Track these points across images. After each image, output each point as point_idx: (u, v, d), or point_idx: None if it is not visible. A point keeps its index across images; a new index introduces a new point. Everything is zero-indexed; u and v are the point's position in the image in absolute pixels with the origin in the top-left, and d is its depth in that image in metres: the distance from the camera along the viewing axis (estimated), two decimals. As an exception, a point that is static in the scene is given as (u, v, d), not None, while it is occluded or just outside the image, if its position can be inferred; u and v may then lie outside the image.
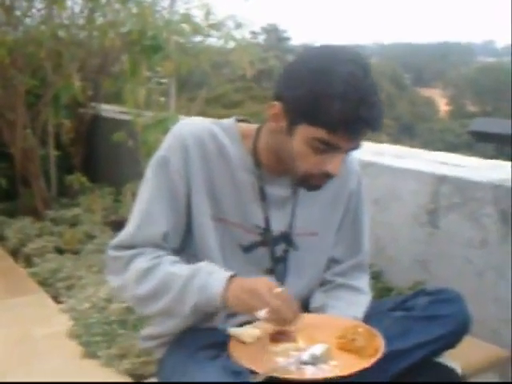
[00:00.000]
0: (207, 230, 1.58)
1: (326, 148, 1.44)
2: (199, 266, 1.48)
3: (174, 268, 1.50)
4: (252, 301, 1.38)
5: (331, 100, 1.38)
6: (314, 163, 1.47)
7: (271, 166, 1.60)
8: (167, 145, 1.59)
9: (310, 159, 1.47)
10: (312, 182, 1.52)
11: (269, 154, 1.58)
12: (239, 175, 1.60)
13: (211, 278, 1.45)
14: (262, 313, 1.37)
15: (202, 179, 1.57)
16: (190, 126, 1.60)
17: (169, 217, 1.55)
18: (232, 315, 1.59)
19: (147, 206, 1.56)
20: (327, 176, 1.50)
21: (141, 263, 1.51)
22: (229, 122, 1.64)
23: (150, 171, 1.58)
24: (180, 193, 1.55)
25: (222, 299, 1.42)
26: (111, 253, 1.58)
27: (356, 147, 1.49)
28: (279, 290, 1.41)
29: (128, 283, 1.53)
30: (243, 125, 1.65)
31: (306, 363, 1.39)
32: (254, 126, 1.64)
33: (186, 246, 1.61)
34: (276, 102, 1.49)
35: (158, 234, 1.55)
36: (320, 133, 1.42)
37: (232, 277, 1.44)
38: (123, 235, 1.57)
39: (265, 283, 1.42)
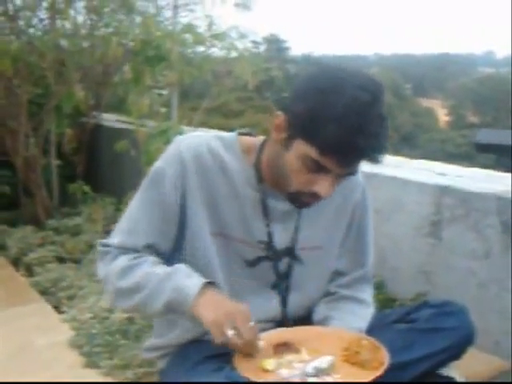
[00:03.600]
0: (207, 246, 1.58)
1: (317, 168, 1.42)
2: (177, 266, 1.50)
3: (153, 268, 1.52)
4: (225, 320, 1.36)
5: (327, 122, 1.35)
6: (304, 181, 1.45)
7: (273, 180, 1.57)
8: (165, 157, 1.59)
9: (301, 176, 1.45)
10: (301, 199, 1.50)
11: (269, 167, 1.57)
12: (241, 190, 1.59)
13: (188, 280, 1.45)
14: (231, 333, 1.35)
15: (200, 194, 1.56)
16: (188, 140, 1.59)
17: (156, 229, 1.56)
18: None
19: (135, 215, 1.58)
20: (315, 196, 1.47)
21: (123, 261, 1.54)
22: (230, 135, 1.63)
23: (146, 181, 1.59)
24: (173, 205, 1.55)
25: (192, 302, 1.41)
26: (100, 248, 1.61)
27: (352, 173, 1.47)
28: (252, 324, 1.39)
29: (110, 277, 1.56)
30: (246, 138, 1.64)
31: (310, 375, 1.38)
32: (257, 140, 1.63)
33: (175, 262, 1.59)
34: (281, 113, 1.48)
35: (140, 244, 1.56)
36: (312, 152, 1.40)
37: (209, 284, 1.44)
38: (111, 237, 1.61)
39: (244, 312, 1.39)
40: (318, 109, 1.37)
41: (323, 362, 1.41)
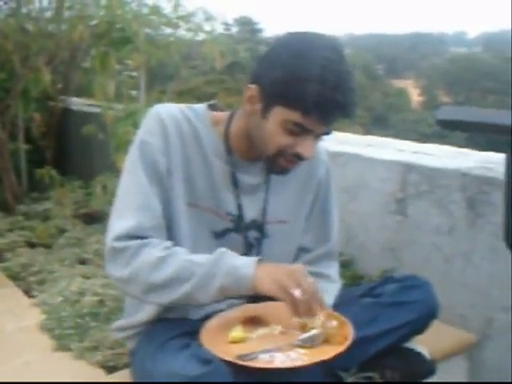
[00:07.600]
0: (180, 215, 1.58)
1: (299, 131, 1.47)
2: (221, 251, 1.48)
3: (190, 256, 1.49)
4: (288, 280, 1.40)
5: (307, 83, 1.41)
6: (285, 144, 1.49)
7: (243, 152, 1.61)
8: (146, 128, 1.58)
9: (282, 140, 1.49)
10: (281, 163, 1.53)
11: (241, 140, 1.59)
12: (212, 161, 1.60)
13: (239, 260, 1.46)
14: (297, 292, 1.39)
15: (180, 161, 1.57)
16: (166, 108, 1.60)
17: (160, 197, 1.54)
18: (199, 307, 1.59)
19: (141, 189, 1.53)
20: (298, 158, 1.52)
21: (152, 252, 1.48)
22: (200, 107, 1.65)
23: (133, 156, 1.56)
24: (163, 172, 1.55)
25: (252, 279, 1.42)
26: (115, 244, 1.50)
27: (328, 132, 1.52)
28: (311, 279, 1.44)
29: (139, 272, 1.48)
30: (214, 112, 1.65)
31: (301, 346, 1.44)
32: (224, 113, 1.65)
33: None
34: (252, 85, 1.51)
35: (159, 214, 1.53)
36: (295, 115, 1.44)
37: (260, 260, 1.46)
38: (125, 225, 1.50)
39: (301, 268, 1.45)
40: (296, 73, 1.42)
41: (311, 333, 1.45)
